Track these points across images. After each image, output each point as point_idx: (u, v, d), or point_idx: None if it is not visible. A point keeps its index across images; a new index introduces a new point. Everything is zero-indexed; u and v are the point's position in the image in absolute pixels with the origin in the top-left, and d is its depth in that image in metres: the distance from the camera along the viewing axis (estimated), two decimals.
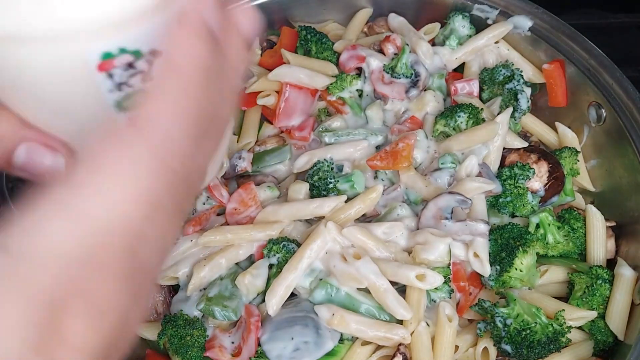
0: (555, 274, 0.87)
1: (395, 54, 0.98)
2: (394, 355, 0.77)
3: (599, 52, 0.95)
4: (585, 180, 0.96)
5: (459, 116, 0.90)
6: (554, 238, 0.87)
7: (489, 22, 1.02)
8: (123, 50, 0.36)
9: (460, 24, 1.01)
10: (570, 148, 0.93)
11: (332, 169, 0.88)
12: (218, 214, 0.87)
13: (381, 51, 0.99)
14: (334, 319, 0.77)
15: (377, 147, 0.93)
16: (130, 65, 0.37)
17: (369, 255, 0.80)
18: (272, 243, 0.82)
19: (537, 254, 0.85)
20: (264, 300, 0.82)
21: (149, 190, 0.34)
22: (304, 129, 0.94)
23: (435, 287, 0.79)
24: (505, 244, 0.83)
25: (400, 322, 0.79)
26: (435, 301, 0.82)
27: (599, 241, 0.88)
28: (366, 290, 0.80)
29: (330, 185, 0.86)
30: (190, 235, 0.85)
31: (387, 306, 0.78)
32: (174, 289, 0.87)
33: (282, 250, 0.82)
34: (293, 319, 0.78)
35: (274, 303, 0.78)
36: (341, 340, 0.80)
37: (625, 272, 0.83)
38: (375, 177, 0.91)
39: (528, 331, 0.77)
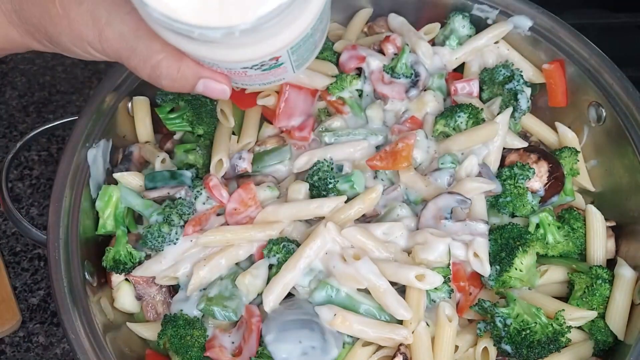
0: (555, 274, 0.87)
1: (395, 54, 0.98)
2: (394, 356, 0.77)
3: (599, 52, 0.95)
4: (585, 180, 0.96)
5: (459, 116, 0.91)
6: (553, 238, 0.87)
7: (489, 22, 1.02)
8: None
9: (460, 24, 1.01)
10: (570, 148, 0.93)
11: (332, 169, 0.88)
12: (218, 214, 0.87)
13: (381, 51, 0.99)
14: (336, 320, 0.77)
15: (377, 147, 0.93)
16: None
17: (368, 255, 0.80)
18: (272, 243, 0.83)
19: (537, 253, 0.85)
20: None
21: None
22: (304, 129, 0.94)
23: (434, 287, 0.79)
24: (505, 244, 0.83)
25: (401, 322, 0.79)
26: (435, 301, 0.82)
27: (599, 241, 0.88)
28: (366, 291, 0.80)
29: (330, 186, 0.86)
30: (190, 236, 0.85)
31: (387, 306, 0.78)
32: (174, 289, 0.87)
33: (282, 250, 0.82)
34: (300, 322, 0.78)
35: (270, 300, 0.79)
36: None
37: (625, 272, 0.83)
38: (375, 177, 0.91)
39: (528, 331, 0.77)
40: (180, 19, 0.52)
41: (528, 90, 0.96)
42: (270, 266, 0.83)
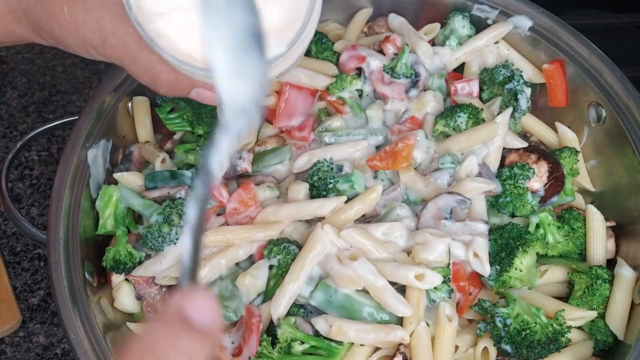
0: (555, 274, 0.87)
1: (395, 54, 0.98)
2: (393, 355, 0.77)
3: (599, 52, 0.95)
4: (585, 180, 0.96)
5: (459, 116, 0.91)
6: (553, 238, 0.87)
7: (489, 22, 1.02)
8: None
9: (460, 24, 1.01)
10: (570, 148, 0.93)
11: (332, 169, 0.88)
12: (218, 214, 0.87)
13: (381, 51, 0.99)
14: (332, 330, 0.77)
15: (377, 147, 0.93)
16: None
17: (367, 256, 0.80)
18: (273, 244, 0.82)
19: (537, 253, 0.85)
20: (264, 301, 0.82)
21: None
22: (304, 129, 0.94)
23: (434, 286, 0.79)
24: (505, 244, 0.83)
25: (401, 321, 0.79)
26: (435, 301, 0.82)
27: (599, 241, 0.88)
28: (365, 290, 0.80)
29: (330, 186, 0.86)
30: None
31: (386, 304, 0.78)
32: (174, 289, 0.87)
33: (282, 252, 0.81)
34: None
35: (278, 313, 0.79)
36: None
37: (625, 272, 0.83)
38: (375, 177, 0.91)
39: (528, 331, 0.77)
40: (188, 61, 0.57)
41: (528, 91, 0.96)
42: (271, 266, 0.83)
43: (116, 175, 0.89)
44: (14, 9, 0.66)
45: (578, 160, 0.94)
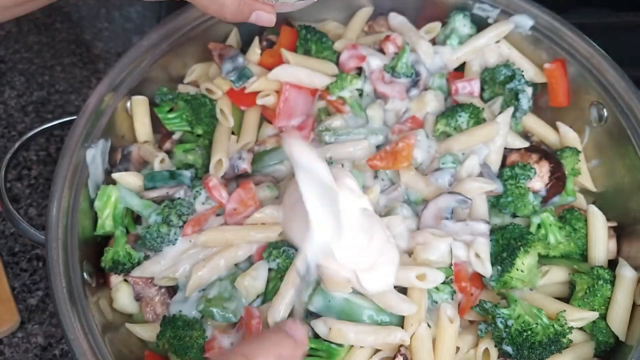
0: (557, 275, 0.86)
1: (395, 54, 0.97)
2: (394, 357, 0.77)
3: (601, 52, 0.94)
4: (587, 181, 0.95)
5: (460, 116, 0.90)
6: (555, 238, 0.87)
7: (490, 21, 1.01)
8: None
9: (461, 23, 1.01)
10: (571, 148, 0.93)
11: None
12: (217, 215, 0.87)
13: (381, 50, 0.99)
14: (331, 333, 0.76)
15: (378, 147, 0.93)
16: None
17: None
18: (272, 247, 0.82)
19: (539, 254, 0.85)
20: (263, 302, 0.82)
21: None
22: (304, 129, 0.93)
23: (436, 284, 0.79)
24: (507, 245, 0.83)
25: (401, 322, 0.79)
26: (437, 302, 0.81)
27: (601, 242, 0.88)
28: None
29: None
30: (189, 236, 0.84)
31: (388, 305, 0.77)
32: (173, 290, 0.87)
33: (281, 255, 0.81)
34: None
35: (278, 319, 0.78)
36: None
37: (626, 273, 0.83)
38: (376, 177, 0.90)
39: (529, 332, 0.77)
40: None
41: (529, 90, 0.96)
42: (270, 269, 0.83)
43: (115, 176, 0.88)
44: None
45: (579, 160, 0.94)
